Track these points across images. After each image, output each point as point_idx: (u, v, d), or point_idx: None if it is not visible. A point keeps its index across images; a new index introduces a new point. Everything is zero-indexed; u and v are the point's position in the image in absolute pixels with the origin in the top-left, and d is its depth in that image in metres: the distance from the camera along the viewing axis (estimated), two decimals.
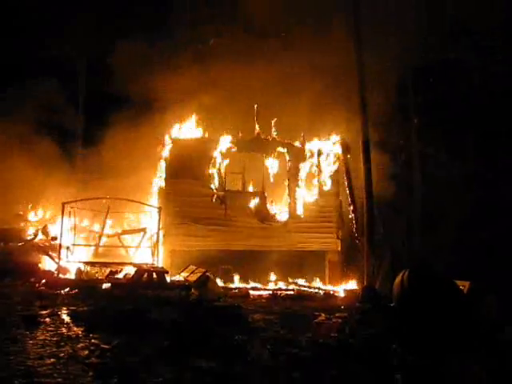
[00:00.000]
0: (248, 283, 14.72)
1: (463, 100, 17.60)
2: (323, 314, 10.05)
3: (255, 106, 16.12)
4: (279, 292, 13.82)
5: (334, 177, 16.11)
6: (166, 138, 15.69)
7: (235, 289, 13.95)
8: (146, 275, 12.99)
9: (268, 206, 15.67)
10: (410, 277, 8.97)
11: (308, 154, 16.05)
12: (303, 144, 16.10)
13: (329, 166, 16.12)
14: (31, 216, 17.41)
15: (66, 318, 8.98)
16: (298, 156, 15.97)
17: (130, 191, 17.01)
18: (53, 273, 13.56)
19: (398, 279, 9.28)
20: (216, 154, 15.39)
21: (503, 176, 16.71)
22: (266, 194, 15.67)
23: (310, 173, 16.00)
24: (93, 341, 7.56)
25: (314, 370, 6.69)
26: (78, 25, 20.03)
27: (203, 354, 7.01)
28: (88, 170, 17.80)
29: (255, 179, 15.98)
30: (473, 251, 15.15)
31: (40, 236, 15.57)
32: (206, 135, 15.97)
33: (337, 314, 10.17)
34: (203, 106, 16.64)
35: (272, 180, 15.76)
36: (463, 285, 11.26)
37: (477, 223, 16.24)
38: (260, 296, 13.32)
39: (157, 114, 17.36)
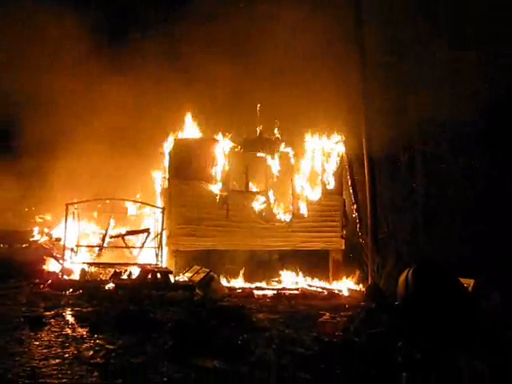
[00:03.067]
0: (252, 283, 14.71)
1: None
2: (328, 313, 10.04)
3: (258, 105, 16.08)
4: (283, 291, 13.81)
5: (338, 175, 16.08)
6: (169, 138, 15.67)
7: (239, 289, 13.94)
8: (150, 276, 13.00)
9: (271, 205, 15.64)
10: (414, 275, 8.95)
11: (311, 153, 16.02)
12: (306, 143, 16.06)
13: (332, 165, 16.09)
14: (35, 217, 17.45)
15: (71, 319, 9.00)
16: (301, 155, 15.94)
17: (133, 192, 17.10)
18: (57, 274, 13.58)
19: (402, 277, 9.26)
20: (219, 153, 15.36)
21: (508, 170, 16.60)
22: (269, 194, 15.65)
23: (313, 172, 15.97)
24: (97, 341, 7.57)
25: (319, 369, 6.67)
26: None
27: (208, 353, 7.01)
28: (90, 171, 17.75)
29: (258, 179, 15.95)
30: (477, 247, 15.09)
31: (44, 237, 15.61)
32: (209, 135, 15.92)
33: (341, 313, 10.15)
34: (205, 106, 16.63)
35: (275, 179, 15.72)
36: (468, 283, 11.26)
37: (480, 219, 16.19)
38: (264, 296, 13.31)
39: (158, 113, 17.38)
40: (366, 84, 14.99)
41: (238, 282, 14.70)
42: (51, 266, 14.28)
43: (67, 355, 6.85)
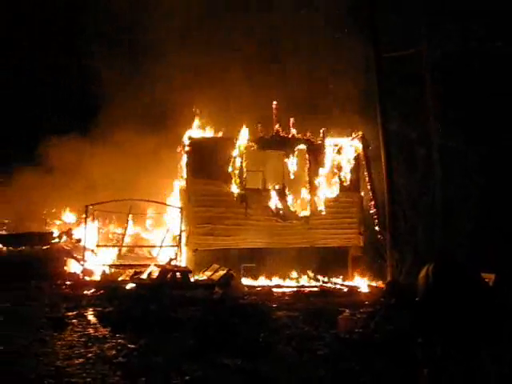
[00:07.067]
0: (271, 281, 14.73)
1: (481, 88, 17.32)
2: (347, 310, 10.02)
3: (274, 103, 16.05)
4: (302, 289, 13.81)
5: (355, 172, 16.03)
6: (185, 137, 15.71)
7: (258, 287, 13.96)
8: (169, 275, 13.07)
9: (289, 203, 15.64)
10: (434, 270, 8.85)
11: (328, 150, 15.98)
12: (323, 140, 16.03)
13: (349, 162, 16.03)
14: (56, 219, 17.63)
15: (93, 319, 9.10)
16: (318, 152, 15.91)
17: (151, 192, 17.19)
18: (78, 275, 13.73)
19: (422, 273, 9.15)
20: (236, 152, 15.38)
21: None
22: (286, 192, 15.64)
23: (330, 168, 15.92)
24: (119, 341, 7.65)
25: (339, 366, 6.67)
26: None
27: (229, 351, 7.05)
28: (108, 172, 17.88)
29: (275, 177, 15.95)
30: (495, 241, 14.93)
31: (65, 238, 15.76)
32: (226, 134, 15.93)
33: (361, 310, 10.14)
34: (222, 105, 16.67)
35: (292, 177, 15.71)
36: (489, 277, 11.13)
37: (498, 212, 16.01)
38: (283, 293, 13.31)
39: (175, 113, 17.44)
40: (381, 77, 14.88)
41: (257, 280, 14.73)
42: (72, 266, 14.43)
43: (90, 355, 6.93)
